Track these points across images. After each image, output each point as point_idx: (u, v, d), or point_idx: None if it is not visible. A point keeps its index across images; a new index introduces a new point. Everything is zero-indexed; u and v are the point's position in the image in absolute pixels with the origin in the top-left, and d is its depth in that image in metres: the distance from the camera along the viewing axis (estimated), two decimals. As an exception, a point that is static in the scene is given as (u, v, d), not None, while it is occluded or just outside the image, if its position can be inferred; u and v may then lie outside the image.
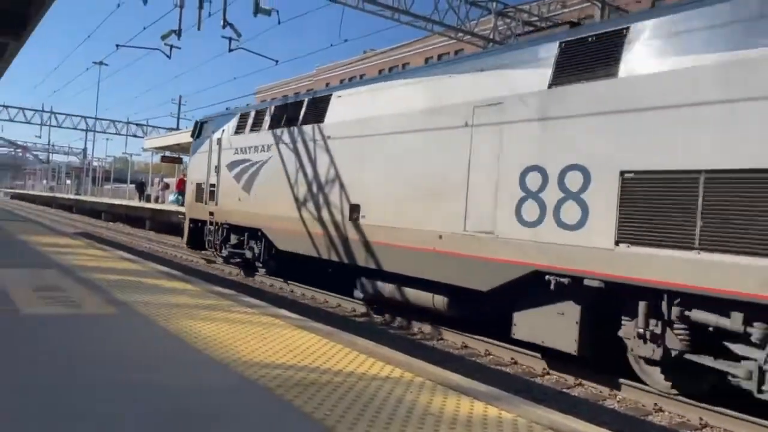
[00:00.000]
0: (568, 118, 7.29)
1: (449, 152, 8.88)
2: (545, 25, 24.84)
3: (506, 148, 8.00)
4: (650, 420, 6.40)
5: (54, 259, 8.13)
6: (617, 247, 6.47)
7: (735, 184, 5.63)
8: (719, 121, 5.77)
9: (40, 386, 2.87)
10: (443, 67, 9.68)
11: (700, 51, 6.15)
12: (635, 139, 6.50)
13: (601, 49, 7.09)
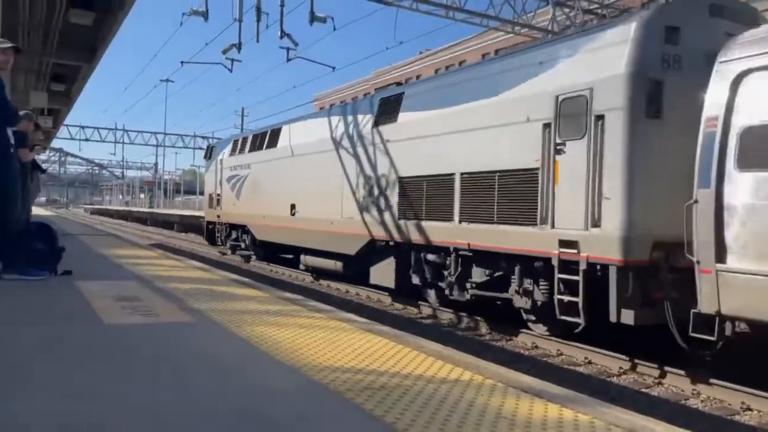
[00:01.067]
0: (381, 144, 12.20)
1: (330, 166, 13.79)
2: (606, 12, 24.03)
3: (356, 163, 12.99)
4: (737, 420, 6.06)
5: (131, 270, 8.51)
6: (398, 221, 11.66)
7: (476, 181, 9.75)
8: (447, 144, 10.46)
9: (116, 394, 2.99)
10: (329, 112, 15.24)
11: (434, 106, 10.86)
12: (410, 156, 11.38)
13: (392, 105, 12.09)
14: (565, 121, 8.17)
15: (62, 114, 30.94)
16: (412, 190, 11.16)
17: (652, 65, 7.53)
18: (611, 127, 7.58)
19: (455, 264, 10.16)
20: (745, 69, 6.40)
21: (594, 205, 7.71)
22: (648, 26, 7.65)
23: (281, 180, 16.40)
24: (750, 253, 6.04)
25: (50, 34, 15.22)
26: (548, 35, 23.40)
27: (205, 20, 18.86)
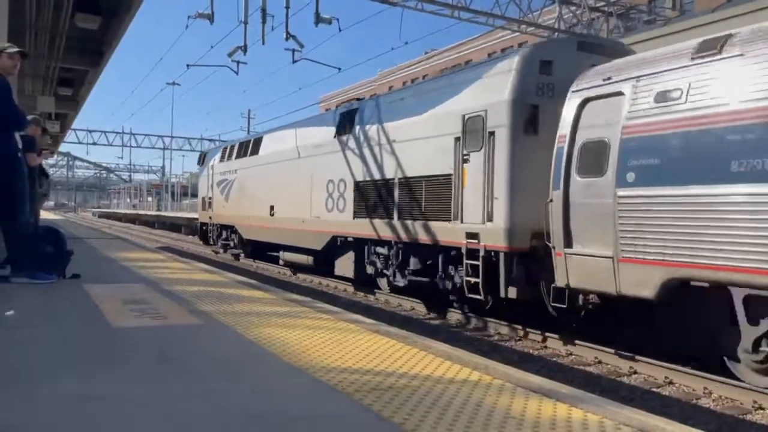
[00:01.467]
0: (346, 153, 13.79)
1: (301, 172, 15.65)
2: (613, 10, 23.94)
3: (321, 169, 14.79)
4: (749, 419, 6.00)
5: (139, 273, 8.53)
6: (352, 220, 13.39)
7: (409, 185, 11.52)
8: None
9: (126, 394, 3.00)
10: (299, 124, 17.07)
11: (380, 120, 12.64)
12: (361, 164, 13.13)
13: (348, 119, 13.90)
14: (469, 135, 10.04)
15: (69, 118, 31.09)
16: (364, 193, 13.13)
17: (529, 93, 9.36)
18: (499, 141, 9.45)
19: (396, 255, 12.12)
20: (586, 97, 8.17)
21: (488, 204, 9.54)
22: (526, 60, 9.46)
23: (262, 184, 18.22)
24: (582, 240, 7.93)
25: (57, 38, 15.30)
26: (554, 33, 23.34)
27: (211, 23, 18.93)
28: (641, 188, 7.16)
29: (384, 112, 12.69)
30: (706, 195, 6.49)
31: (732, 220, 6.25)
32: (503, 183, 9.32)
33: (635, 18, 24.42)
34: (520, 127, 9.32)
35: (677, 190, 6.79)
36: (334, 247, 14.23)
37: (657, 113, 7.16)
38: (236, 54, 20.40)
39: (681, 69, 7.10)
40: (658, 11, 26.65)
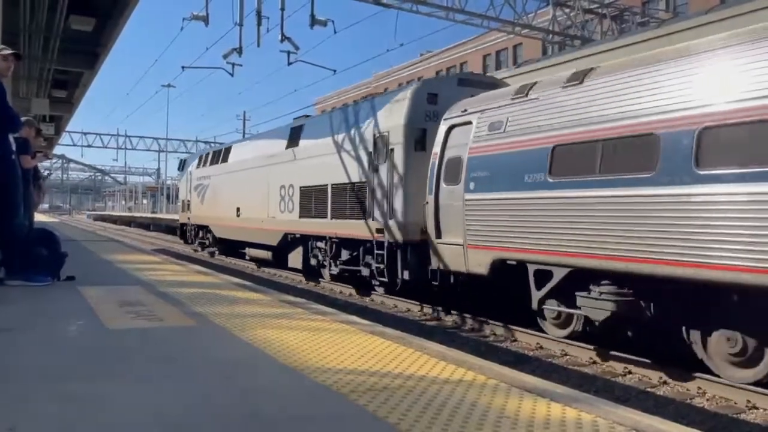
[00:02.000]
0: (294, 162, 16.11)
1: (261, 177, 17.92)
2: (606, 12, 24.03)
3: (275, 176, 17.07)
4: (743, 418, 6.04)
5: (134, 275, 8.52)
6: (298, 219, 15.58)
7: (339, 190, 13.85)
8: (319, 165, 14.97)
9: (126, 394, 3.00)
10: (259, 136, 20.78)
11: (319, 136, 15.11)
12: (306, 171, 15.36)
13: (296, 134, 16.48)
14: (378, 151, 12.54)
15: (64, 120, 31.01)
16: (307, 197, 15.40)
17: (419, 119, 11.84)
18: (397, 156, 11.97)
19: (330, 248, 14.52)
20: (451, 124, 10.65)
21: (390, 205, 12.01)
22: (417, 93, 12.07)
23: (230, 188, 20.66)
24: (446, 232, 10.39)
25: (51, 40, 15.24)
26: (549, 35, 23.40)
27: (206, 25, 18.92)
28: (478, 193, 9.67)
29: (318, 129, 15.50)
30: (511, 198, 8.96)
31: (525, 216, 8.66)
32: (400, 189, 11.84)
33: (629, 20, 24.51)
34: (412, 145, 11.83)
35: (496, 195, 9.30)
36: (286, 243, 16.82)
37: (489, 138, 9.59)
38: (231, 56, 20.40)
39: (504, 106, 9.50)
40: (652, 13, 26.76)
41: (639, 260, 7.03)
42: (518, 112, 9.11)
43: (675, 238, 6.63)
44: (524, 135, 8.84)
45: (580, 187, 7.85)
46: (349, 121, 13.98)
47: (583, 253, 7.77)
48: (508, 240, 9.03)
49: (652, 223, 6.86)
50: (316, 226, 14.85)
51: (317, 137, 15.29)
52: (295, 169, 16.03)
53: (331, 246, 14.44)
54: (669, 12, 25.65)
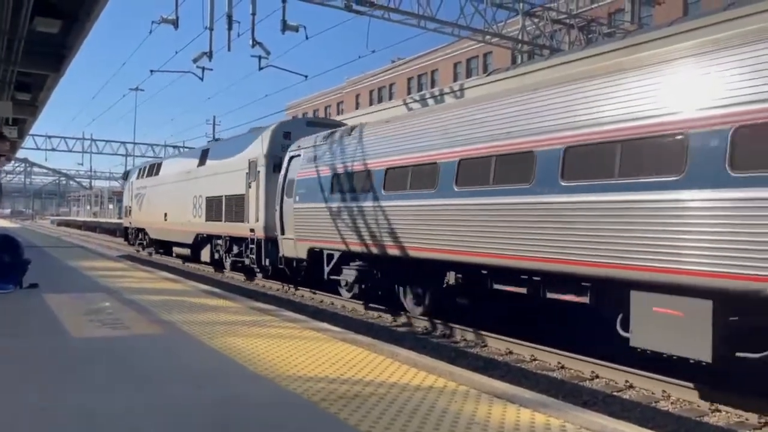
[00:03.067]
0: (202, 177, 19.86)
1: (181, 189, 21.66)
2: (574, 23, 24.50)
3: (190, 188, 20.67)
4: (706, 421, 6.18)
5: (101, 282, 8.35)
6: (205, 222, 19.38)
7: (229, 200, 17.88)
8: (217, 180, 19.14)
9: (92, 406, 2.94)
10: (183, 155, 25.35)
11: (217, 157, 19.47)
12: (209, 185, 19.27)
13: (205, 155, 20.44)
14: (251, 172, 16.61)
15: (28, 123, 30.21)
16: (210, 204, 19.34)
17: (276, 150, 15.77)
18: (261, 176, 15.95)
19: (225, 245, 18.50)
20: (291, 155, 14.18)
21: (257, 212, 16.04)
22: (275, 131, 16.31)
23: (160, 197, 24.47)
24: (287, 231, 13.93)
25: (15, 42, 14.86)
26: (518, 44, 23.73)
27: (176, 28, 18.68)
28: (301, 203, 13.39)
29: (217, 152, 19.87)
30: (315, 207, 12.78)
31: (322, 219, 12.39)
32: (262, 200, 15.89)
33: (596, 30, 25.04)
34: (271, 169, 15.76)
35: (309, 204, 13.06)
36: (198, 241, 20.63)
37: (307, 168, 13.40)
38: (201, 60, 20.19)
39: (312, 147, 13.38)
40: (618, 24, 27.40)
41: (380, 245, 10.80)
42: (324, 150, 13.02)
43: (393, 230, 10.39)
44: (323, 166, 12.87)
45: (346, 201, 11.89)
46: (236, 147, 18.22)
47: (348, 242, 11.71)
48: (315, 235, 12.96)
49: (383, 221, 10.67)
50: (216, 227, 19.05)
51: (217, 158, 19.68)
52: (203, 183, 20.24)
53: (225, 243, 18.69)
54: (634, 24, 26.27)
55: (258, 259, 16.19)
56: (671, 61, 6.68)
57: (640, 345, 6.73)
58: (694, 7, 29.41)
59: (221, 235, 18.57)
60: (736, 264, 5.67)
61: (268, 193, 15.53)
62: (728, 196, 5.82)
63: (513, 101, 8.59)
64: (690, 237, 6.12)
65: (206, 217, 19.47)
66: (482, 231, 8.58)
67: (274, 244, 14.96)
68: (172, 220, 22.65)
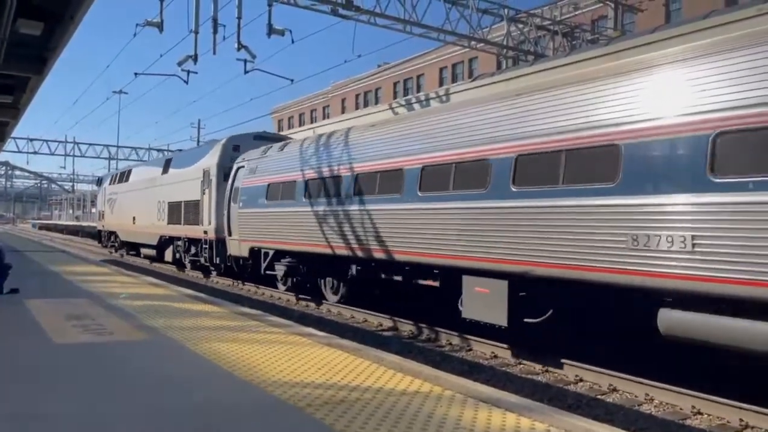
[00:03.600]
0: (165, 185, 21.90)
1: (147, 195, 23.40)
2: (558, 29, 24.73)
3: (155, 194, 22.76)
4: (689, 423, 6.24)
5: (84, 287, 8.26)
6: (167, 225, 21.29)
7: (187, 205, 19.99)
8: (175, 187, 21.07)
9: (75, 414, 2.91)
10: (149, 163, 29.26)
11: (178, 167, 21.50)
12: (171, 191, 21.33)
13: (167, 164, 22.63)
14: (205, 180, 18.36)
15: (9, 126, 29.83)
16: (171, 209, 21.12)
17: (226, 161, 17.39)
18: (213, 184, 17.67)
19: (184, 245, 20.22)
20: (238, 166, 15.95)
21: (210, 216, 17.75)
22: (225, 144, 18.11)
23: (129, 202, 26.49)
24: (233, 232, 15.81)
25: (-4, 44, 14.66)
26: (503, 50, 23.88)
27: (160, 31, 18.55)
28: (244, 209, 15.18)
29: (178, 162, 21.81)
30: (254, 212, 14.78)
31: (259, 222, 14.52)
32: (213, 205, 17.70)
33: (579, 37, 25.27)
34: (222, 178, 17.27)
35: (249, 210, 14.96)
36: (162, 243, 22.38)
37: (249, 178, 15.23)
38: (186, 63, 20.07)
39: (253, 159, 15.41)
40: (601, 30, 27.68)
41: (302, 244, 12.85)
42: (262, 163, 15.02)
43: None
44: (261, 176, 14.78)
45: (279, 207, 13.87)
46: (194, 158, 20.27)
47: (279, 241, 13.74)
48: (254, 236, 14.89)
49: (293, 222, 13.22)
50: (176, 230, 20.78)
51: (178, 167, 21.51)
52: (166, 189, 21.96)
53: (184, 244, 20.34)
54: (617, 30, 26.58)
55: (211, 258, 17.97)
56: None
57: (468, 316, 8.77)
58: (676, 15, 29.82)
59: (181, 236, 20.46)
60: (517, 253, 7.87)
61: (218, 199, 17.33)
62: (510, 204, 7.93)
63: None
64: (479, 233, 8.44)
65: (168, 220, 21.43)
66: (370, 232, 10.71)
67: (224, 245, 16.81)
68: (139, 224, 24.66)
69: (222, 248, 16.95)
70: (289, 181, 13.54)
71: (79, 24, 13.92)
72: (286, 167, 13.84)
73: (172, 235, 21.06)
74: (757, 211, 5.56)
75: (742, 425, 6.00)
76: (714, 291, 5.86)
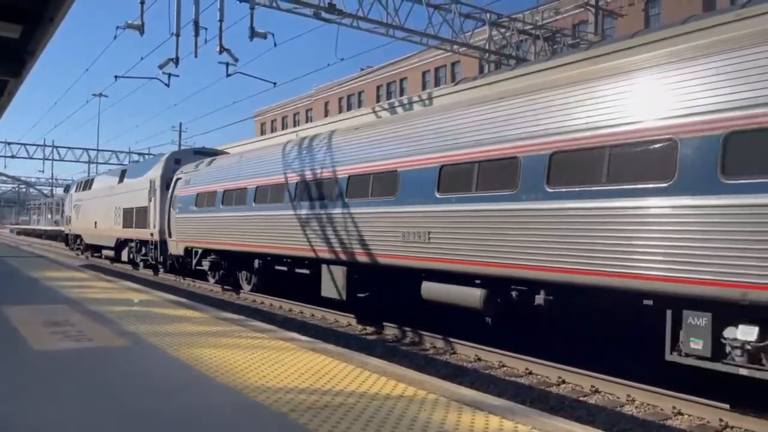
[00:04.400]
0: (121, 193, 25.08)
1: (107, 201, 26.52)
2: (539, 33, 24.95)
3: (112, 201, 26.03)
4: (670, 424, 6.31)
5: (63, 293, 8.15)
6: (122, 228, 24.73)
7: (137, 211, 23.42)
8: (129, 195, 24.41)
9: (55, 421, 2.86)
10: (109, 173, 30.23)
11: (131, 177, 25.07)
12: (125, 199, 24.60)
13: (123, 174, 26.03)
14: (151, 189, 21.32)
15: (-14, 130, 29.53)
16: (126, 215, 24.03)
17: (168, 173, 20.58)
18: (157, 193, 20.72)
19: (136, 246, 23.19)
20: (177, 178, 19.23)
21: (155, 220, 20.63)
22: (168, 158, 21.47)
23: (92, 208, 29.40)
24: (173, 234, 18.91)
25: (-27, 46, 14.44)
26: (485, 54, 24.03)
27: (141, 34, 18.39)
28: (180, 214, 18.25)
29: (131, 173, 24.86)
30: (187, 216, 17.69)
31: (190, 224, 17.11)
32: (158, 211, 20.55)
33: (560, 41, 25.53)
34: (165, 187, 20.29)
35: (183, 215, 18.00)
36: (119, 244, 25.37)
37: (184, 188, 18.23)
38: (167, 66, 19.91)
39: (188, 172, 18.36)
40: (582, 35, 27.99)
41: (221, 243, 15.86)
42: (194, 176, 17.98)
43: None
44: (192, 187, 17.72)
45: (204, 212, 16.73)
46: (143, 169, 23.45)
47: (206, 241, 16.71)
48: (187, 237, 17.82)
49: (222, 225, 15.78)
50: (130, 233, 23.68)
51: (131, 177, 24.51)
52: (121, 197, 24.73)
53: (136, 245, 23.22)
54: (597, 35, 26.89)
55: (156, 257, 21.03)
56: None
57: (324, 295, 11.76)
58: (655, 20, 30.25)
59: (133, 238, 23.55)
60: (361, 248, 10.60)
61: (161, 206, 20.34)
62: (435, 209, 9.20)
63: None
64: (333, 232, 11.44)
65: (123, 224, 24.43)
66: (266, 232, 13.74)
67: (167, 245, 19.86)
68: (100, 227, 27.75)
69: (165, 248, 20.00)
70: (211, 191, 16.53)
71: (59, 26, 13.73)
72: (210, 180, 16.83)
73: (126, 237, 24.24)
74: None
75: (722, 425, 6.08)
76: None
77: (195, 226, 17.20)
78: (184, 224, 17.89)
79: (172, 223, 18.80)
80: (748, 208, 5.44)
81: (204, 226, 16.65)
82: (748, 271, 5.41)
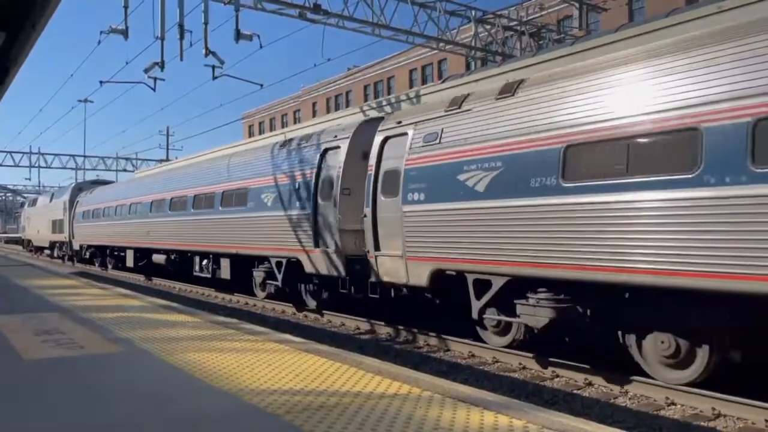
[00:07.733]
0: (50, 210, 35.67)
1: (43, 215, 37.49)
2: (525, 29, 25.04)
3: (47, 214, 36.44)
4: (663, 414, 6.36)
5: (53, 301, 8.09)
6: (51, 234, 35.43)
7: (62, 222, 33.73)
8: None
9: (48, 430, 2.84)
10: (45, 195, 42.05)
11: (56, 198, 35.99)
12: (52, 212, 35.49)
13: (52, 197, 37.27)
14: (65, 207, 31.71)
15: (-29, 138, 29.45)
16: (53, 224, 32.64)
17: (74, 197, 32.15)
18: (67, 210, 31.56)
19: (58, 245, 32.49)
20: (77, 200, 30.84)
21: (67, 228, 31.15)
22: (74, 187, 32.57)
23: (36, 219, 38.36)
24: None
25: (-45, 54, 14.30)
26: (471, 51, 24.05)
27: (126, 39, 18.25)
28: (77, 223, 29.52)
29: (56, 196, 33.05)
30: (81, 224, 28.66)
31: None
32: (68, 222, 30.17)
33: (545, 37, 25.61)
34: (71, 207, 30.35)
35: (79, 224, 29.24)
36: (51, 245, 33.87)
37: (80, 207, 29.12)
38: (153, 70, 19.75)
39: (83, 197, 29.42)
40: (567, 30, 28.10)
41: (96, 240, 26.53)
42: (85, 199, 29.81)
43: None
44: (83, 207, 29.61)
45: (88, 222, 28.61)
46: (62, 194, 31.50)
47: (89, 240, 27.51)
48: (81, 238, 29.34)
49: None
50: (55, 237, 32.56)
51: (56, 199, 33.25)
52: (51, 212, 33.39)
53: (59, 244, 30.75)
54: (582, 30, 27.02)
55: (68, 252, 30.00)
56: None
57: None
58: (639, 13, 30.43)
59: (56, 240, 32.96)
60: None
61: (69, 219, 29.73)
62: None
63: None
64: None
65: (51, 231, 33.84)
66: (117, 233, 21.24)
67: (72, 244, 28.66)
68: (41, 233, 37.10)
69: (71, 246, 29.54)
70: (93, 209, 26.48)
71: (42, 32, 13.61)
72: (92, 202, 26.99)
73: (54, 240, 34.17)
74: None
75: (715, 414, 6.13)
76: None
77: (84, 231, 27.67)
78: (79, 230, 28.47)
79: (74, 229, 29.28)
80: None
81: (88, 230, 27.11)
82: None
